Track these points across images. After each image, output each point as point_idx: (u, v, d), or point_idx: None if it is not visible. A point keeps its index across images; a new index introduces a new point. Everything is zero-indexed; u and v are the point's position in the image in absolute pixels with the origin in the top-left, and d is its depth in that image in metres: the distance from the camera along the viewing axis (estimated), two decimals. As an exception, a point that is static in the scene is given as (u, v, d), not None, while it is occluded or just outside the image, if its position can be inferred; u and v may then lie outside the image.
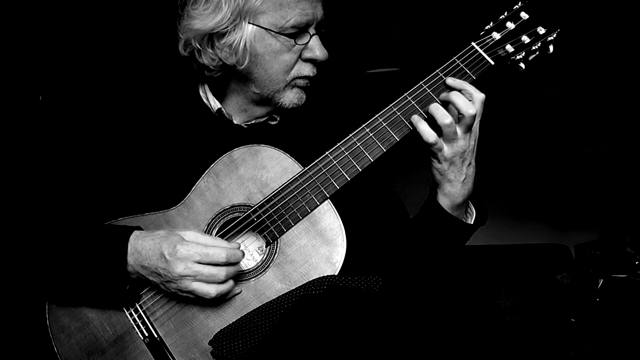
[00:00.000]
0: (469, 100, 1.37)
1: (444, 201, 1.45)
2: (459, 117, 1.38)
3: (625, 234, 3.71)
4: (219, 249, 1.32)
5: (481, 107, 1.39)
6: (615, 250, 3.60)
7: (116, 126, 1.52)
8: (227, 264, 1.32)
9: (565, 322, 3.33)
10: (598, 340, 3.15)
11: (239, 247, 1.37)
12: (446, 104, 1.40)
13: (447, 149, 1.39)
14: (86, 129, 1.54)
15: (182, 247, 1.31)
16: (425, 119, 1.40)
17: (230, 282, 1.34)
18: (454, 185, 1.43)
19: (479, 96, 1.38)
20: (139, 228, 1.39)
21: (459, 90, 1.39)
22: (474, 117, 1.37)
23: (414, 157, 1.67)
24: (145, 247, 1.34)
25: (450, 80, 1.40)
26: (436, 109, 1.38)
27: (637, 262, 3.48)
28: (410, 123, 1.40)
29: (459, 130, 1.38)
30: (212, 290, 1.31)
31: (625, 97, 4.44)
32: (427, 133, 1.38)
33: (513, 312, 3.46)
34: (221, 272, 1.31)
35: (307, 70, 1.48)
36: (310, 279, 1.35)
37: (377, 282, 1.35)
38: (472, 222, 1.50)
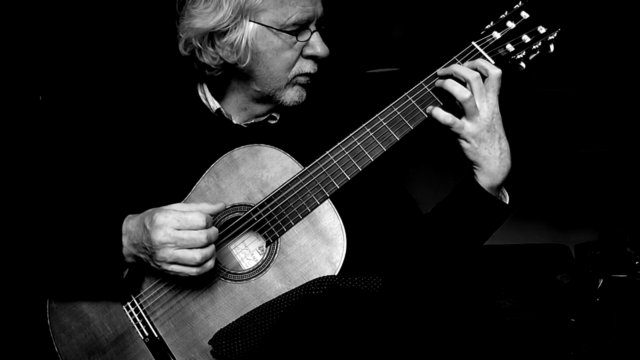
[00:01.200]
0: (484, 74, 1.37)
1: (485, 181, 1.41)
2: (467, 86, 1.37)
3: (625, 234, 3.71)
4: (196, 213, 1.30)
5: (498, 83, 1.38)
6: (615, 250, 3.60)
7: (116, 127, 1.52)
8: (206, 227, 1.31)
9: (565, 322, 3.33)
10: (598, 340, 3.14)
11: (222, 208, 1.35)
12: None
13: (471, 125, 1.37)
14: (86, 129, 1.54)
15: (159, 215, 1.30)
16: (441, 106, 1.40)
17: (212, 246, 1.32)
18: (491, 162, 1.39)
19: (495, 72, 1.37)
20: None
21: (475, 69, 1.38)
22: (479, 79, 1.36)
23: (414, 157, 1.66)
24: (133, 224, 1.34)
25: (440, 70, 1.41)
26: (453, 85, 1.37)
27: (637, 262, 3.48)
28: (429, 114, 1.39)
29: (477, 102, 1.37)
30: (197, 254, 1.29)
31: (625, 97, 4.44)
32: (443, 114, 1.37)
33: (513, 312, 3.46)
34: (201, 235, 1.29)
35: (308, 67, 1.48)
36: (311, 279, 1.35)
37: (377, 283, 1.35)
38: (507, 202, 1.46)
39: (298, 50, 1.45)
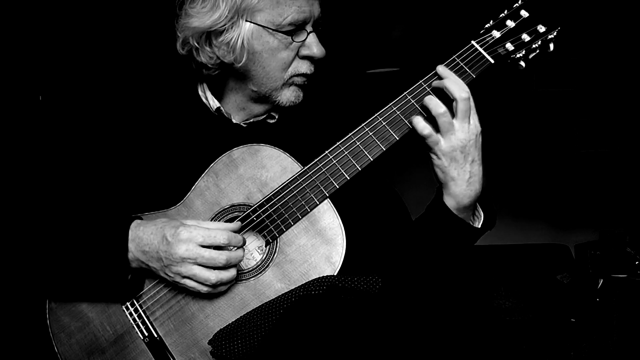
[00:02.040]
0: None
1: (450, 202, 1.39)
2: (453, 104, 1.35)
3: (625, 234, 3.71)
4: (220, 231, 1.32)
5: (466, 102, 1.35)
6: (615, 250, 3.60)
7: (115, 126, 1.52)
8: (228, 245, 1.32)
9: (565, 322, 3.33)
10: (598, 340, 3.14)
11: (240, 231, 1.36)
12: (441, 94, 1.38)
13: (444, 143, 1.36)
14: (85, 128, 1.54)
15: (184, 229, 1.31)
16: (424, 117, 1.39)
17: (232, 271, 1.33)
18: (458, 184, 1.37)
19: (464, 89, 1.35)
20: (139, 218, 1.40)
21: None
22: (468, 100, 1.34)
23: (414, 156, 1.66)
24: (146, 232, 1.34)
25: (440, 69, 1.39)
26: (429, 100, 1.36)
27: (637, 262, 3.48)
28: (410, 122, 1.39)
29: (455, 122, 1.35)
30: (212, 276, 1.31)
31: (625, 97, 4.44)
32: (421, 125, 1.36)
33: (513, 312, 3.46)
34: (221, 256, 1.31)
35: (304, 67, 1.48)
36: (310, 279, 1.35)
37: (376, 283, 1.35)
38: (479, 226, 1.45)
39: (294, 50, 1.45)
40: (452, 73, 1.38)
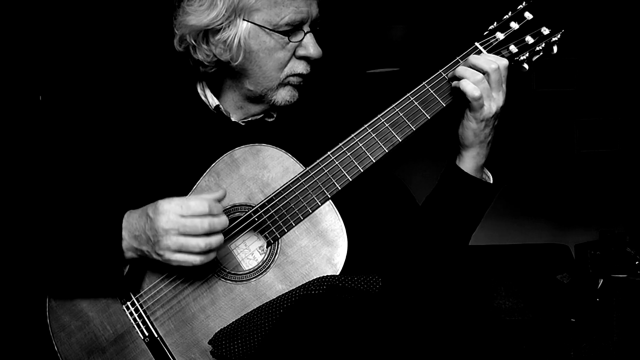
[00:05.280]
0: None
1: (469, 164, 1.46)
2: (485, 77, 1.39)
3: (625, 234, 3.72)
4: (199, 199, 1.31)
5: (505, 71, 1.40)
6: (615, 250, 3.61)
7: (115, 124, 1.52)
8: (209, 214, 1.30)
9: (565, 322, 3.34)
10: (598, 340, 3.15)
11: (223, 195, 1.35)
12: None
13: (486, 108, 1.40)
14: (85, 127, 1.54)
15: (163, 202, 1.31)
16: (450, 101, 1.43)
17: (219, 235, 1.32)
18: (482, 146, 1.45)
19: (503, 62, 1.40)
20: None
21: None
22: (498, 70, 1.38)
23: (415, 156, 1.66)
24: (134, 216, 1.35)
25: (469, 55, 1.42)
26: (464, 71, 1.39)
27: (637, 262, 3.48)
28: (457, 88, 1.40)
29: (492, 92, 1.39)
30: (200, 242, 1.29)
31: (626, 97, 4.45)
32: (470, 87, 1.38)
33: (513, 312, 3.46)
34: (204, 221, 1.29)
35: (300, 67, 1.47)
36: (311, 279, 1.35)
37: (377, 283, 1.34)
38: (492, 182, 1.51)
39: (291, 50, 1.45)
40: (474, 55, 1.41)
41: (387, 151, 1.40)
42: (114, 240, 1.35)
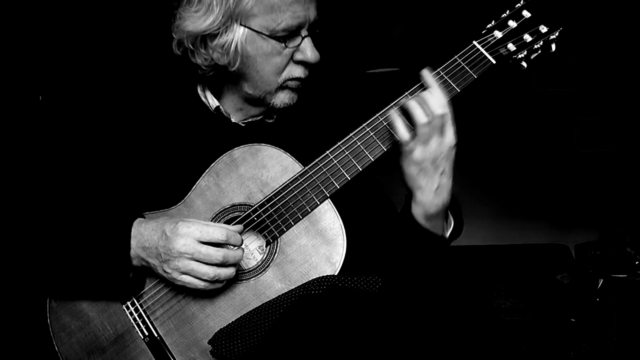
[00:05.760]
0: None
1: (417, 210, 1.39)
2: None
3: (625, 234, 3.71)
4: (219, 228, 1.32)
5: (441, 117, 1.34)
6: (615, 250, 3.60)
7: (115, 125, 1.52)
8: (226, 243, 1.32)
9: (565, 322, 3.33)
10: (598, 340, 3.15)
11: (240, 231, 1.36)
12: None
13: (418, 152, 1.35)
14: (85, 128, 1.54)
15: (183, 224, 1.32)
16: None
17: (231, 269, 1.33)
18: (425, 193, 1.37)
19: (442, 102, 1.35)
20: (142, 217, 1.40)
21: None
22: (443, 117, 1.34)
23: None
24: (148, 228, 1.35)
25: (426, 76, 1.38)
26: (414, 108, 1.35)
27: (637, 262, 3.48)
28: (392, 125, 1.37)
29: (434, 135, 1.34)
30: (210, 271, 1.31)
31: (625, 97, 4.44)
32: (403, 130, 1.36)
33: (513, 312, 3.46)
34: (219, 252, 1.31)
35: (298, 72, 1.47)
36: (310, 279, 1.35)
37: (376, 283, 1.34)
38: (447, 235, 1.44)
39: (288, 55, 1.45)
40: (435, 84, 1.36)
41: (386, 150, 1.40)
42: (122, 249, 1.35)
